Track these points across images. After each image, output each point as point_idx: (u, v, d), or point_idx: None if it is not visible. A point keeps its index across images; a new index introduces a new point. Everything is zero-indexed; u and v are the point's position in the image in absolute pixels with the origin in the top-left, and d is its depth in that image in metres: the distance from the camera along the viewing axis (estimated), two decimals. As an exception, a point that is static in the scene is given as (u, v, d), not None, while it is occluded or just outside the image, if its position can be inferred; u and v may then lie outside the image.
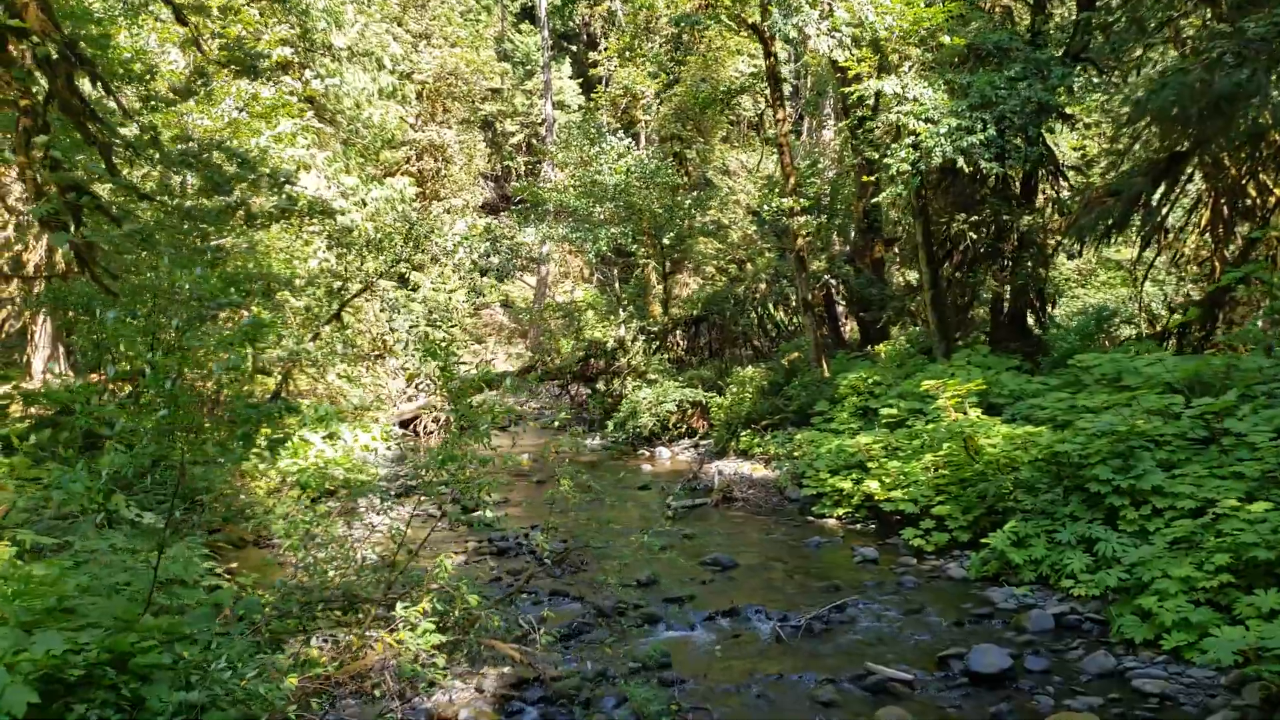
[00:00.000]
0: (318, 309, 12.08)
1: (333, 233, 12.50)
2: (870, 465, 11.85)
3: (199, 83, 11.92)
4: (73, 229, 6.97)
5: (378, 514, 12.37)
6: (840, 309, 24.25)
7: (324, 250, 12.78)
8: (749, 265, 25.41)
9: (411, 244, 13.50)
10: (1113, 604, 7.89)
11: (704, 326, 23.56)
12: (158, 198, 8.87)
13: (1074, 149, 24.41)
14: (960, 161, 12.62)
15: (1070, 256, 19.27)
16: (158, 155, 7.95)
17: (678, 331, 23.33)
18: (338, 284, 12.56)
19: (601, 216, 19.95)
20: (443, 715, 6.59)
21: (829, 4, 13.28)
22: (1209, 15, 13.53)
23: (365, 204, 16.43)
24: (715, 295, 22.89)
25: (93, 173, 7.58)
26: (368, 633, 4.42)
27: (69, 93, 6.84)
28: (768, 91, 17.50)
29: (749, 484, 13.98)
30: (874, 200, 16.02)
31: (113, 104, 9.28)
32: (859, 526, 11.74)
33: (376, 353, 20.50)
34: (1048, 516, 9.13)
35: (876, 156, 13.84)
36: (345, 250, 12.61)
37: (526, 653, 5.69)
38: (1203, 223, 16.86)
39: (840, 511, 12.04)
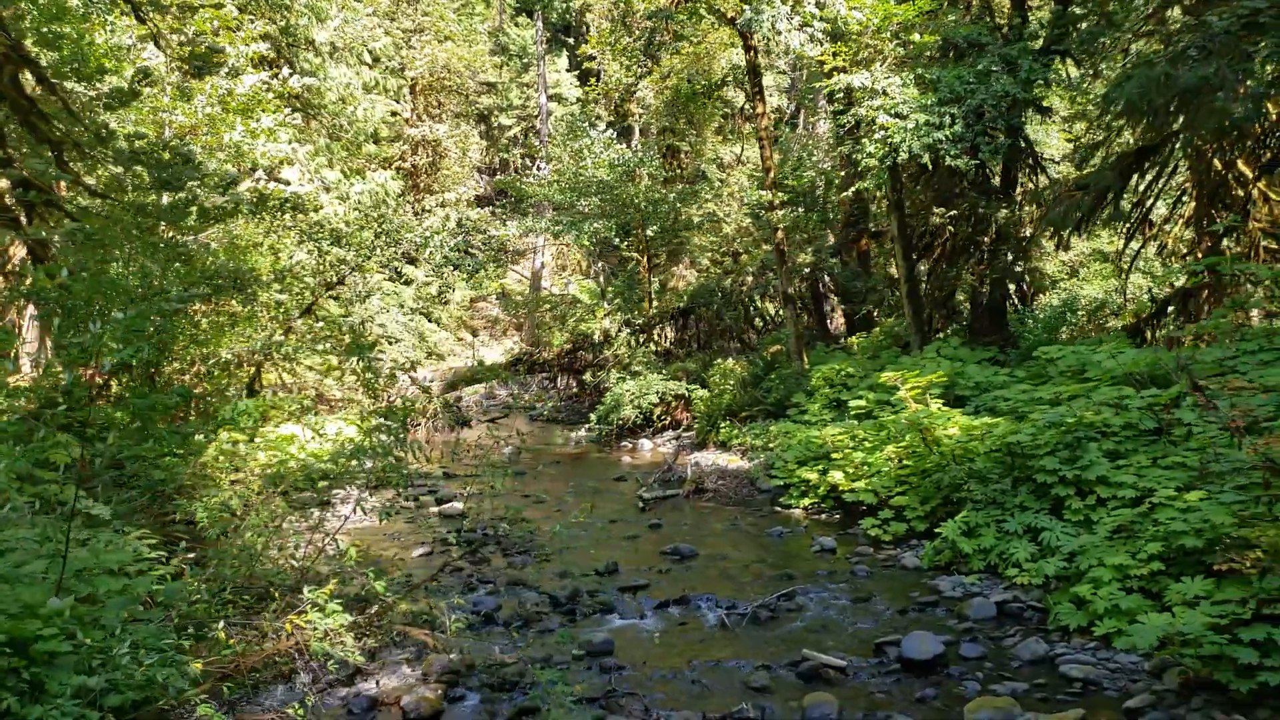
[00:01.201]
0: (290, 303, 12.26)
1: (304, 228, 12.67)
2: (835, 456, 11.99)
3: (171, 79, 12.07)
4: (25, 225, 7.13)
5: (349, 505, 12.56)
6: (831, 302, 24.39)
7: (297, 245, 12.94)
8: (744, 258, 25.54)
9: (384, 238, 13.65)
10: (1053, 592, 8.04)
11: (691, 319, 23.67)
12: (110, 195, 9.05)
13: (1068, 140, 24.48)
14: (926, 157, 12.71)
15: (1058, 248, 19.30)
16: (109, 153, 8.11)
17: (666, 324, 23.45)
18: (314, 278, 12.72)
19: (586, 210, 20.09)
20: (385, 701, 6.78)
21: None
22: (1175, 9, 13.59)
23: (347, 198, 16.60)
24: (702, 288, 23.01)
25: (45, 170, 7.75)
26: (280, 618, 4.57)
27: (14, 91, 6.99)
28: (748, 85, 17.58)
29: (723, 475, 14.12)
30: (844, 194, 16.09)
31: (82, 99, 9.46)
32: (824, 517, 11.89)
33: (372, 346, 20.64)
34: (998, 506, 9.27)
35: (847, 151, 13.93)
36: (317, 245, 12.77)
37: (441, 638, 5.85)
38: (1187, 214, 16.97)
39: (806, 502, 12.19)
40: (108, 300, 9.62)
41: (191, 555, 6.41)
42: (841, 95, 13.94)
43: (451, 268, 20.12)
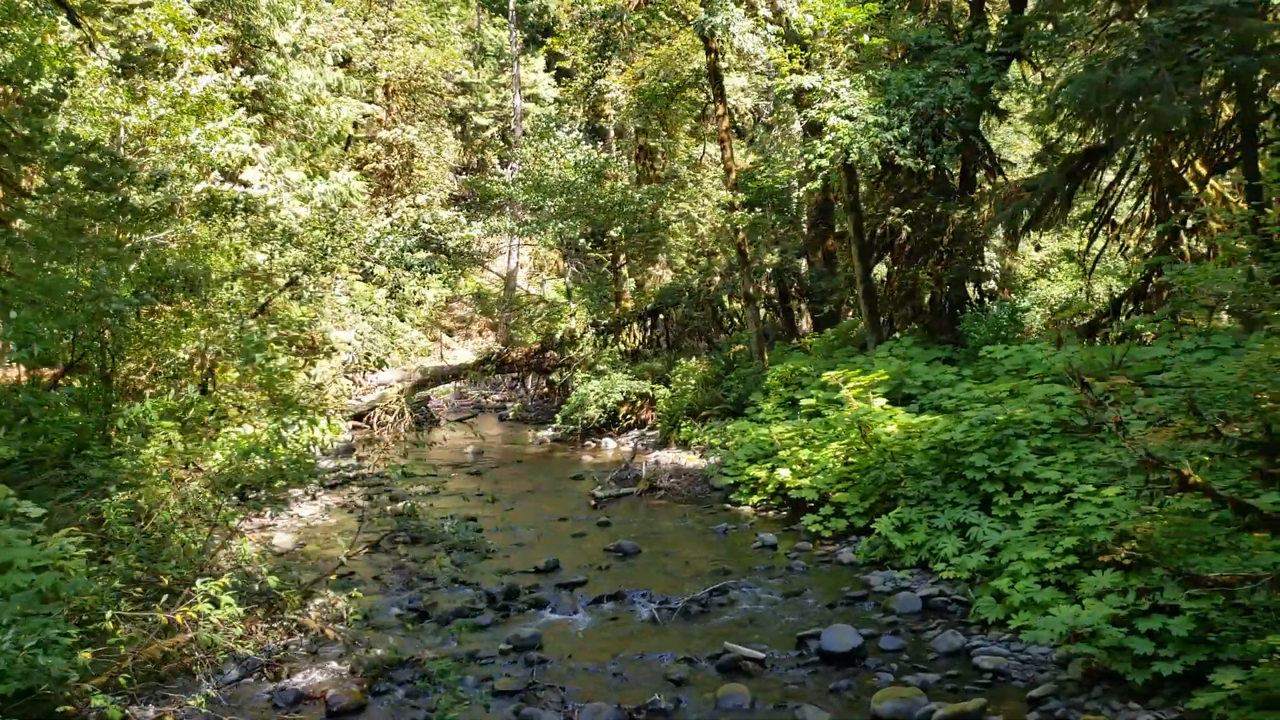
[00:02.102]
0: (244, 304, 12.32)
1: (256, 229, 12.71)
2: (783, 454, 12.15)
3: (122, 82, 12.10)
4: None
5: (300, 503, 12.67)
6: (797, 301, 24.57)
7: (251, 246, 12.99)
8: (721, 257, 25.69)
9: (337, 239, 13.72)
10: (977, 586, 8.21)
11: (660, 319, 23.79)
12: (43, 197, 9.11)
13: (1040, 142, 24.74)
14: (875, 159, 12.88)
15: (1011, 249, 19.56)
16: (35, 155, 8.16)
17: (634, 324, 23.57)
18: (268, 279, 12.79)
19: (552, 210, 20.20)
20: (310, 695, 6.90)
21: (752, 2, 13.52)
22: (1118, 12, 13.81)
23: (310, 199, 16.62)
24: (669, 288, 23.16)
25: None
26: (173, 610, 4.67)
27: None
28: (710, 87, 17.73)
29: (678, 474, 14.26)
30: (808, 195, 16.26)
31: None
32: (771, 514, 12.04)
33: (328, 348, 20.70)
34: (931, 503, 9.44)
35: (799, 152, 14.10)
36: (269, 246, 12.83)
37: (341, 631, 5.96)
38: (1147, 214, 17.21)
39: (756, 499, 12.34)
40: (54, 300, 9.71)
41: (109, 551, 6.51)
42: (791, 97, 14.08)
43: (405, 268, 20.16)
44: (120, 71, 11.73)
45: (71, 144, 9.00)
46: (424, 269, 23.59)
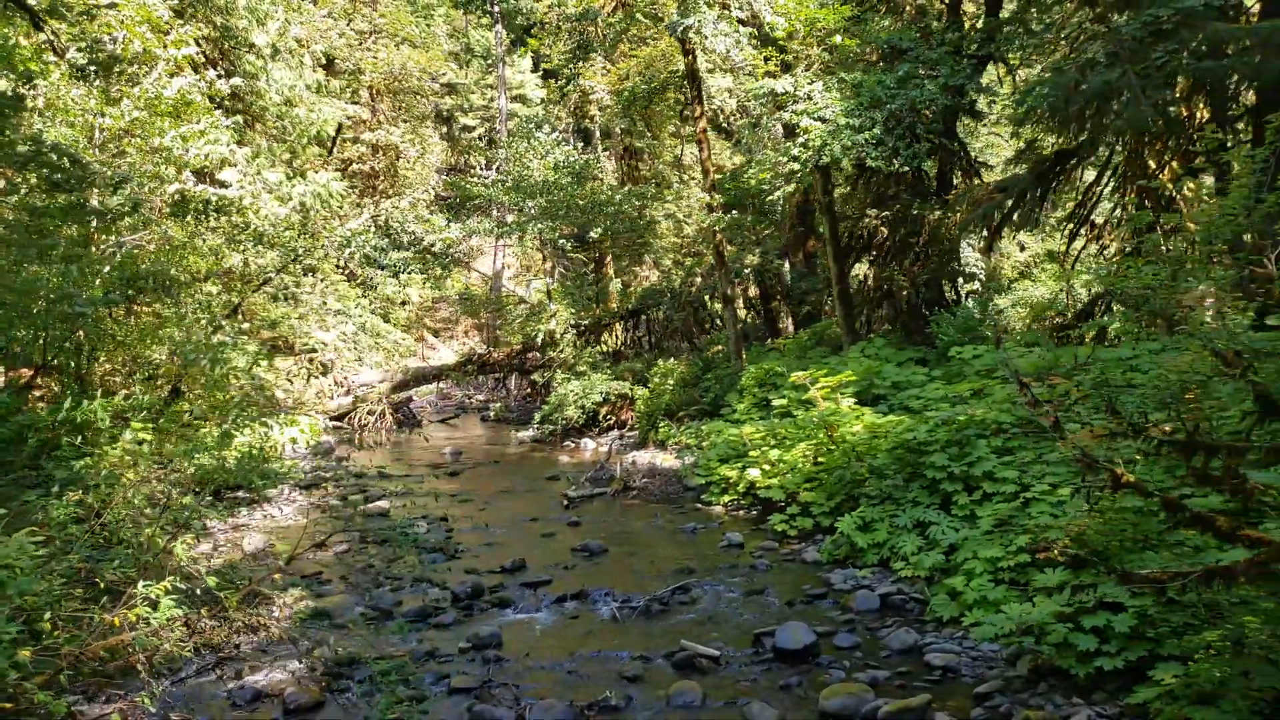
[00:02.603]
0: (216, 306, 12.36)
1: (227, 230, 12.75)
2: (753, 454, 12.23)
3: (96, 83, 12.14)
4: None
5: (277, 505, 12.71)
6: (779, 302, 24.67)
7: (225, 247, 13.03)
8: (706, 258, 25.80)
9: (308, 240, 13.76)
10: (934, 584, 8.30)
11: (642, 320, 23.88)
12: (4, 200, 9.17)
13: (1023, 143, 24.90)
14: (846, 161, 12.97)
15: (986, 250, 19.66)
16: (5, 158, 8.23)
17: (616, 325, 23.65)
18: (241, 280, 12.84)
19: (533, 211, 20.26)
20: (269, 693, 6.96)
21: (725, 4, 13.60)
22: (1089, 15, 13.92)
23: (289, 199, 16.68)
24: (651, 289, 23.24)
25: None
26: (115, 613, 4.73)
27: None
28: (688, 89, 17.81)
29: (653, 474, 14.33)
30: (769, 197, 16.36)
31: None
32: (742, 513, 12.12)
33: (308, 348, 20.76)
34: (893, 502, 9.53)
35: (771, 154, 14.19)
36: (241, 247, 12.87)
37: (288, 629, 6.03)
38: (1125, 215, 17.34)
39: (726, 499, 12.42)
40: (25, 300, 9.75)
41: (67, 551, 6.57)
42: (766, 100, 14.18)
43: (378, 268, 20.21)
44: (92, 74, 11.76)
45: (31, 146, 9.04)
46: (398, 269, 23.66)
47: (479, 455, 18.04)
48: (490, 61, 40.71)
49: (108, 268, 11.65)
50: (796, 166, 13.26)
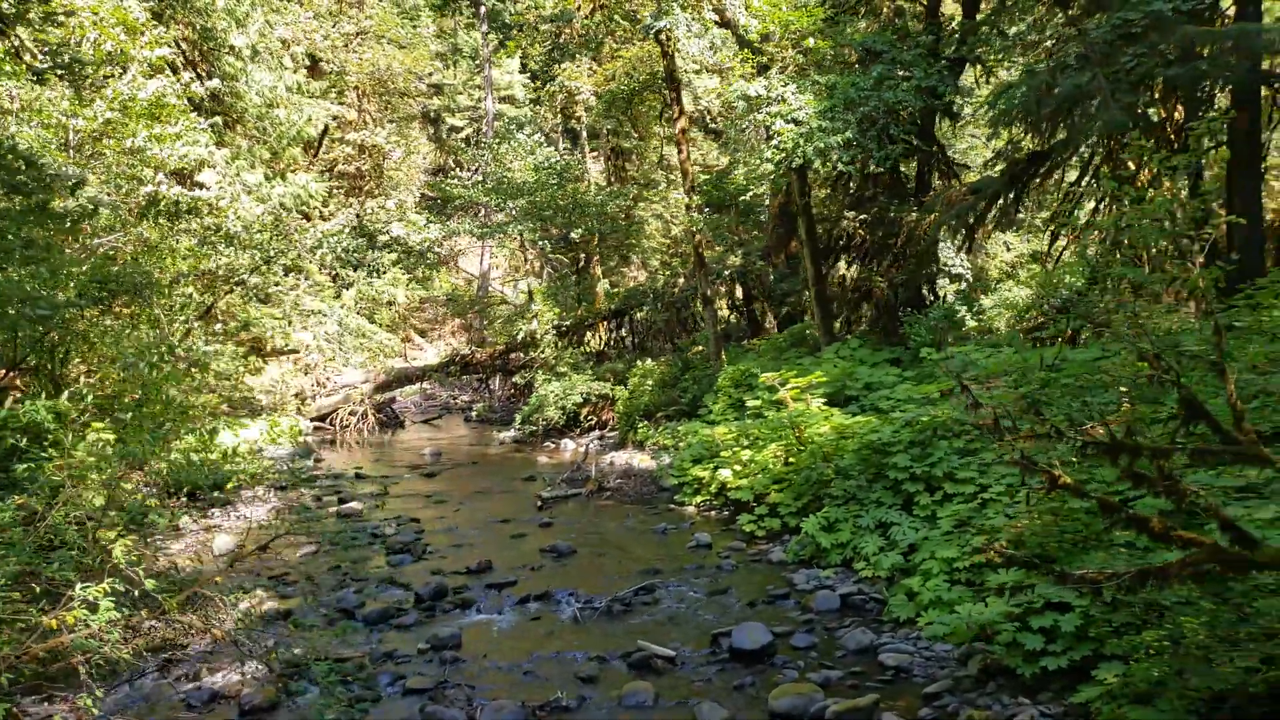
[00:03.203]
0: (188, 307, 12.37)
1: (200, 231, 12.76)
2: (724, 455, 12.28)
3: (65, 86, 12.17)
4: None
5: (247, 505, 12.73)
6: (761, 302, 24.73)
7: (199, 248, 13.03)
8: (693, 259, 25.85)
9: (281, 240, 13.78)
10: (894, 585, 8.35)
11: (625, 320, 23.91)
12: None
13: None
14: (818, 163, 13.03)
15: (959, 250, 19.75)
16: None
17: (599, 326, 23.68)
18: (215, 281, 12.86)
19: (514, 212, 20.29)
20: (226, 694, 7.00)
21: (699, 6, 13.65)
22: (1063, 18, 14.01)
23: (268, 200, 16.71)
24: (633, 290, 23.28)
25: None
26: (53, 616, 4.75)
27: None
28: (666, 91, 17.85)
29: (629, 475, 14.37)
30: (743, 198, 16.42)
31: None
32: (714, 514, 12.17)
33: (289, 349, 20.76)
34: (858, 502, 9.59)
35: (746, 156, 14.24)
36: (213, 248, 12.89)
37: (226, 630, 6.06)
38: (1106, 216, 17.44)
39: (699, 500, 12.47)
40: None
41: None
42: (738, 101, 14.23)
43: (351, 268, 20.23)
44: (58, 77, 11.77)
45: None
46: (373, 268, 23.70)
47: (459, 456, 18.07)
48: (478, 62, 40.70)
49: (81, 269, 11.68)
50: (770, 168, 13.30)
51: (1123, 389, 5.78)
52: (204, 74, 17.91)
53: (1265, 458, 4.31)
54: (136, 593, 5.32)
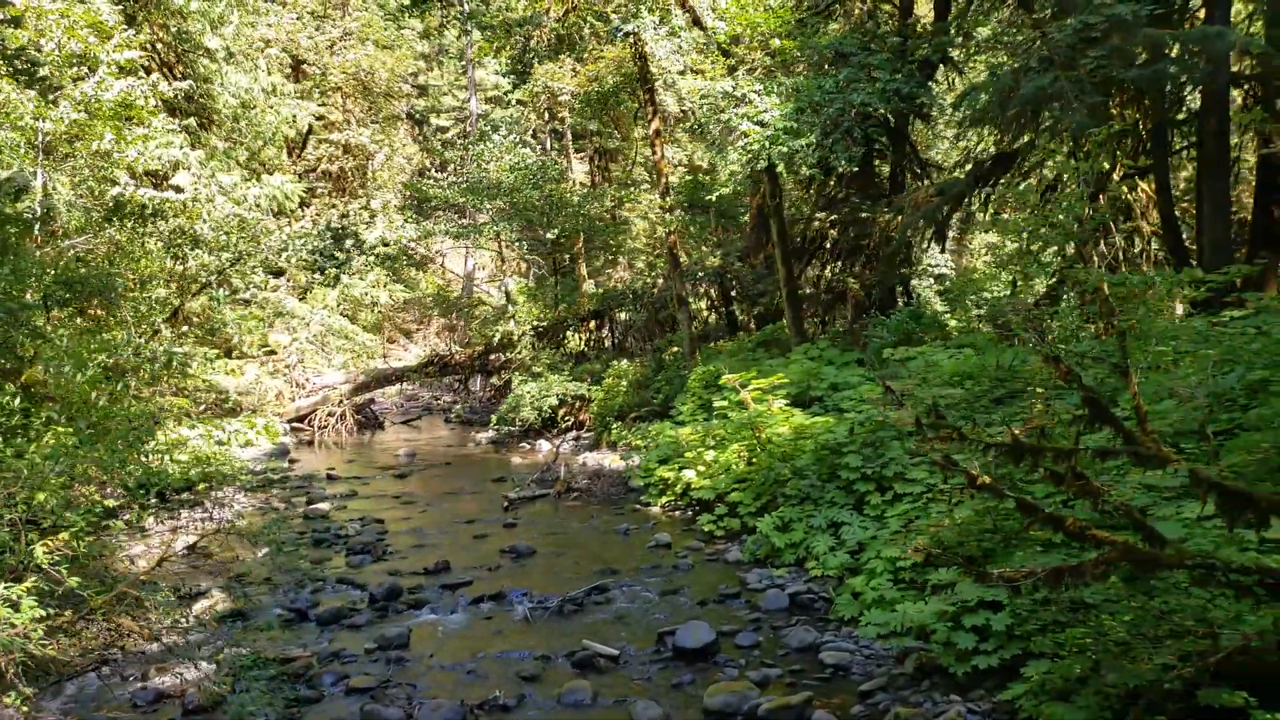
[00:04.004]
0: (153, 309, 12.40)
1: (166, 234, 12.79)
2: (688, 455, 12.35)
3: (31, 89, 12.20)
4: None
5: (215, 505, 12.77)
6: (739, 303, 24.81)
7: (166, 252, 13.07)
8: (683, 258, 25.91)
9: (248, 243, 13.82)
10: (842, 584, 8.42)
11: (605, 321, 23.98)
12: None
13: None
14: (781, 166, 13.10)
15: (925, 249, 19.85)
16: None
17: (578, 326, 23.74)
18: (181, 283, 12.89)
19: (490, 213, 20.34)
20: (172, 694, 7.05)
21: (666, 9, 13.72)
22: (1028, 21, 14.09)
23: (243, 201, 16.75)
24: (612, 290, 23.35)
25: None
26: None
27: None
28: (640, 92, 17.92)
29: (598, 475, 14.42)
30: (709, 198, 16.50)
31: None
32: (678, 514, 12.23)
33: (266, 350, 20.79)
34: (812, 502, 9.66)
35: (714, 156, 14.32)
36: (180, 249, 12.92)
37: (154, 630, 6.12)
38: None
39: (664, 500, 12.54)
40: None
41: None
42: (705, 102, 14.30)
43: (318, 270, 20.28)
44: (21, 81, 11.81)
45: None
46: (341, 269, 23.76)
47: (434, 457, 18.12)
48: (463, 63, 40.72)
49: (48, 272, 11.72)
50: (736, 169, 13.37)
51: (1039, 391, 5.86)
52: (179, 76, 17.94)
53: (1165, 458, 4.39)
54: (60, 592, 5.37)
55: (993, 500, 6.91)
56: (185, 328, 12.99)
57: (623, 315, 23.39)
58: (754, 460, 11.41)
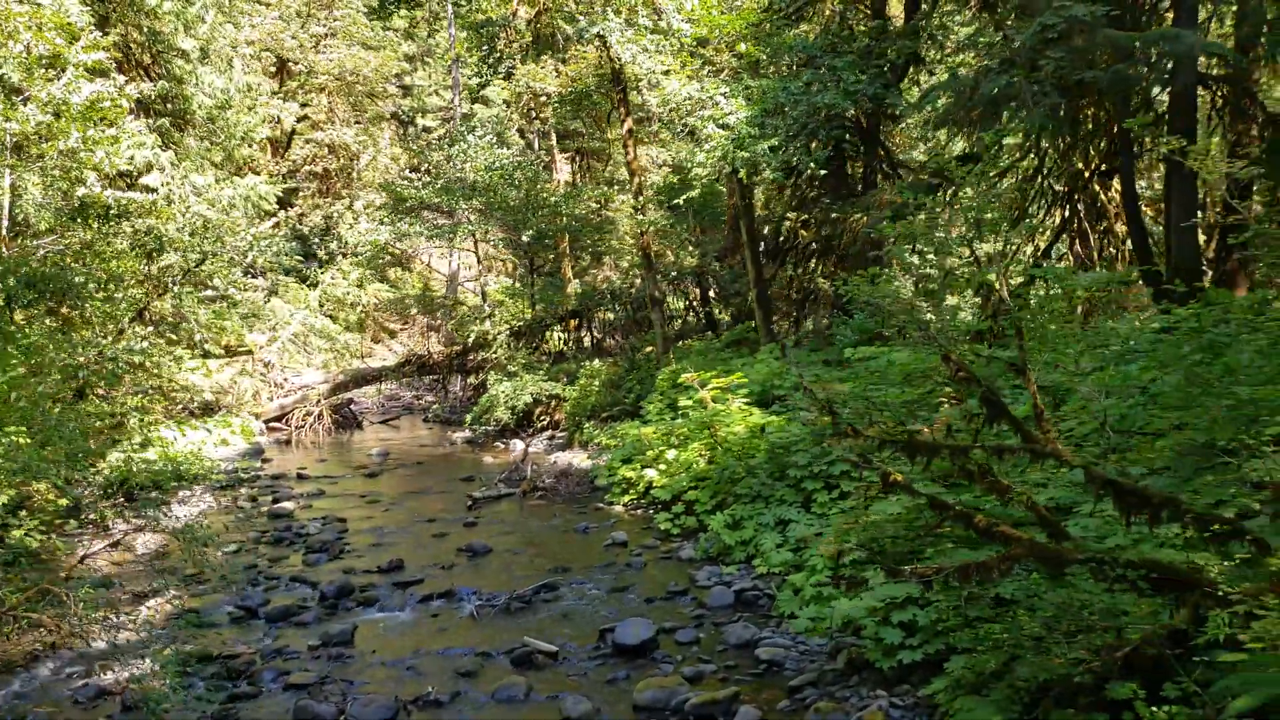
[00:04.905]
0: (118, 309, 12.44)
1: (129, 234, 12.83)
2: (650, 454, 12.43)
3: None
4: None
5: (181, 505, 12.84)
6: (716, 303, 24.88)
7: (131, 252, 13.11)
8: (670, 258, 26.02)
9: (214, 243, 13.87)
10: (785, 581, 8.50)
11: (584, 320, 24.04)
12: None
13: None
14: (743, 172, 13.17)
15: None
16: None
17: (560, 326, 23.81)
18: (145, 283, 12.93)
19: (467, 213, 20.40)
20: (112, 691, 7.13)
21: (633, 11, 13.79)
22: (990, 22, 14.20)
23: (216, 202, 16.80)
24: (590, 290, 23.42)
25: None
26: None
27: None
28: (613, 94, 17.99)
29: (566, 475, 14.50)
30: (677, 200, 16.57)
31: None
32: (640, 512, 12.31)
33: (243, 349, 20.84)
34: (764, 500, 9.74)
35: (686, 157, 14.39)
36: (143, 249, 12.96)
37: (73, 626, 6.20)
38: (1058, 221, 17.68)
39: (627, 499, 12.62)
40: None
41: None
42: (672, 105, 14.39)
43: (284, 271, 20.34)
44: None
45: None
46: (321, 269, 23.82)
47: (407, 456, 18.18)
48: (448, 63, 40.73)
49: (13, 274, 11.77)
50: (701, 172, 13.46)
51: (947, 389, 5.93)
52: (154, 76, 17.98)
53: (1059, 454, 4.47)
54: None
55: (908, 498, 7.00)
56: (150, 328, 13.02)
57: (602, 315, 23.45)
58: (714, 460, 11.49)
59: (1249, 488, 5.31)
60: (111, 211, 12.25)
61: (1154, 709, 4.27)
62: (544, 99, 28.12)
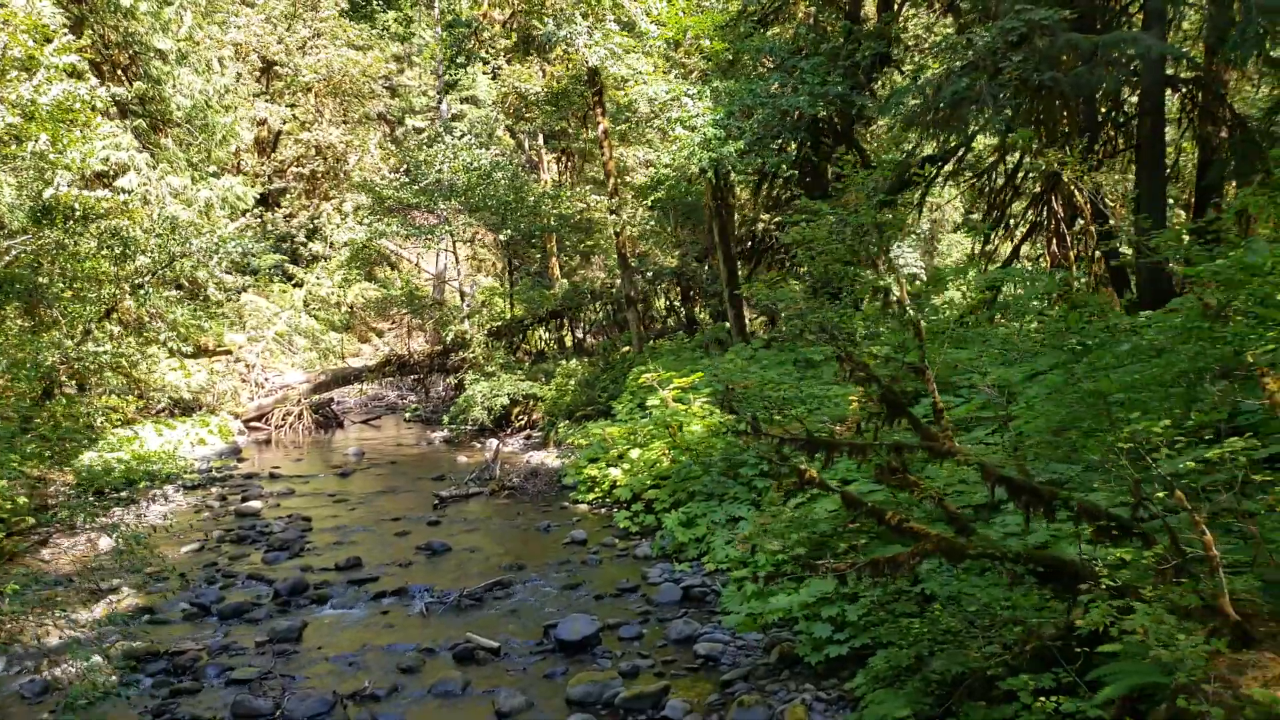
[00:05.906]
0: (86, 310, 12.54)
1: (97, 235, 12.92)
2: (613, 453, 12.53)
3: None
4: None
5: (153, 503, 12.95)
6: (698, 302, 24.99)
7: (97, 252, 13.20)
8: (654, 258, 26.12)
9: (183, 243, 13.97)
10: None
11: (565, 320, 24.15)
12: None
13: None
14: (710, 173, 13.27)
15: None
16: None
17: (538, 326, 23.93)
18: (113, 284, 13.02)
19: (445, 214, 20.51)
20: (58, 686, 7.23)
21: (601, 15, 13.90)
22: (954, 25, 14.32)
23: (193, 203, 16.89)
24: (570, 290, 23.52)
25: None
26: None
27: None
28: (589, 94, 18.11)
29: (536, 474, 14.60)
30: (649, 200, 16.68)
31: None
32: (604, 511, 12.41)
33: (222, 349, 20.94)
34: (717, 499, 9.85)
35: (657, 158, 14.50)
36: (110, 250, 13.04)
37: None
38: (1044, 219, 17.84)
39: (591, 497, 12.72)
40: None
41: None
42: (643, 106, 14.49)
43: (251, 272, 20.43)
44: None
45: None
46: (273, 271, 23.93)
47: (383, 456, 18.26)
48: (435, 64, 40.80)
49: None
50: (668, 173, 13.56)
51: (871, 389, 6.03)
52: (131, 77, 18.08)
53: (954, 451, 4.58)
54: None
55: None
56: (120, 328, 13.11)
57: (583, 314, 23.56)
58: (680, 458, 11.60)
59: (1157, 485, 5.43)
60: (78, 212, 12.34)
61: (1042, 699, 4.37)
62: (530, 99, 28.30)
